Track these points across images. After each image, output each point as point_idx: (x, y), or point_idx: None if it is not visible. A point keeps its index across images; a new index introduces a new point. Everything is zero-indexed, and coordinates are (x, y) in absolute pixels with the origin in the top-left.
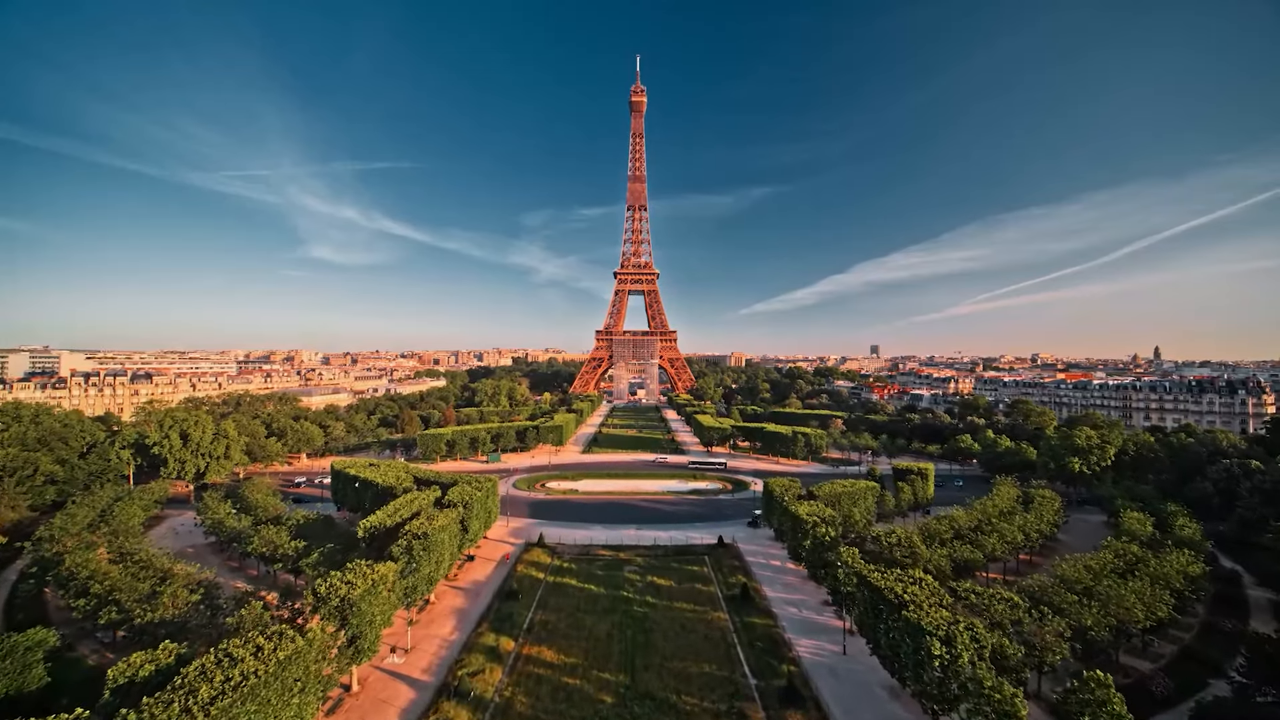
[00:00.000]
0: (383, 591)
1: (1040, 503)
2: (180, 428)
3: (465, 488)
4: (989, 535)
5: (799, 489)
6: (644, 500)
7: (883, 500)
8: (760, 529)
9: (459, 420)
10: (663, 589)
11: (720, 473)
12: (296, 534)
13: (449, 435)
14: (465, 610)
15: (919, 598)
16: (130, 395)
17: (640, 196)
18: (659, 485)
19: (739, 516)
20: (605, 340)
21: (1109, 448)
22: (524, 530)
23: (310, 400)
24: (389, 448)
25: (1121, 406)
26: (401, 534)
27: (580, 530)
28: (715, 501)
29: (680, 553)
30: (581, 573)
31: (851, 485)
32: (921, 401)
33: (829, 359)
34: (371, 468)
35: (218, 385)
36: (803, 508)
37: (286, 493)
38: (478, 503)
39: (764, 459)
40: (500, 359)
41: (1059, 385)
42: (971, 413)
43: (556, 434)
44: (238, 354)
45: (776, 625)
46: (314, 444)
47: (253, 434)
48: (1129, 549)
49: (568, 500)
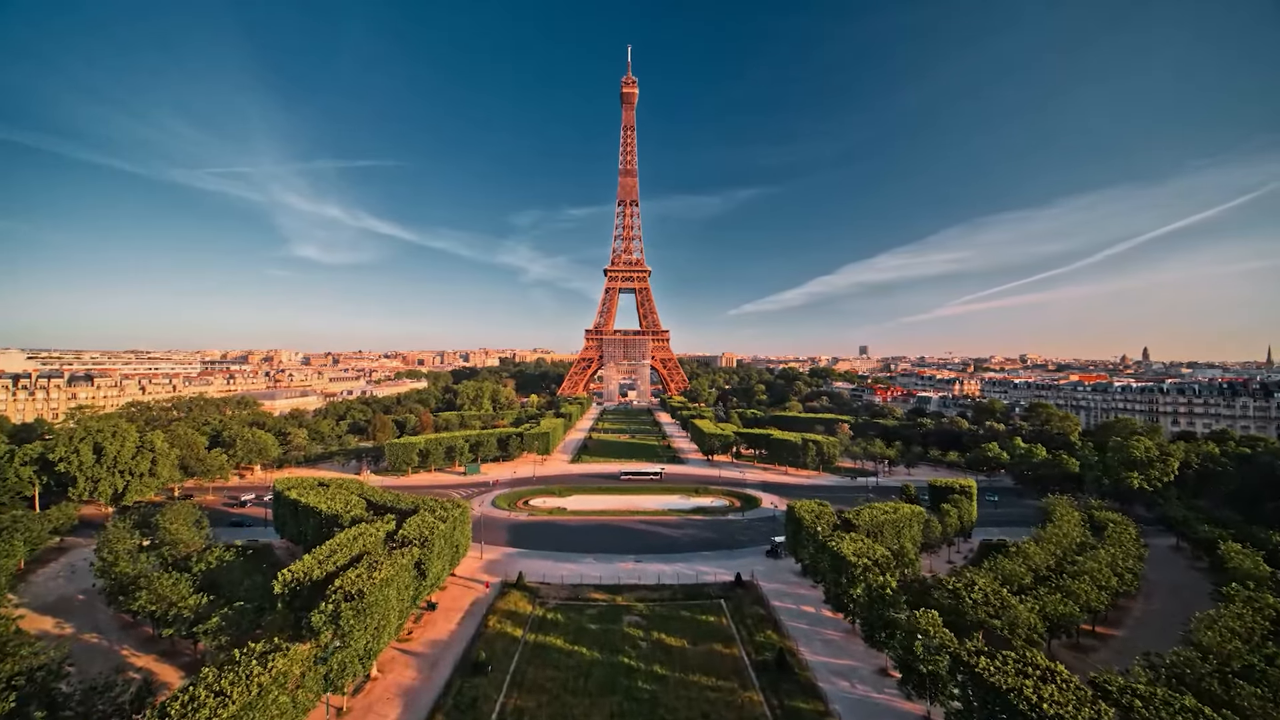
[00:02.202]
0: (281, 697)
1: (1114, 530)
2: (94, 440)
3: (427, 517)
4: (1077, 579)
5: (831, 515)
6: (642, 522)
7: (928, 526)
8: (782, 559)
9: (437, 426)
10: (673, 652)
11: (728, 486)
12: (207, 580)
13: (421, 444)
14: (415, 692)
15: (1064, 713)
16: (67, 399)
17: (631, 191)
18: (657, 502)
19: (754, 543)
20: (595, 340)
21: (1171, 460)
22: (501, 564)
23: (273, 404)
24: (356, 458)
25: (1147, 410)
26: (330, 592)
27: (568, 564)
28: (724, 524)
29: (690, 595)
30: (570, 626)
31: (894, 510)
32: (929, 404)
33: (820, 359)
34: (318, 489)
35: (172, 388)
36: (847, 544)
37: (230, 513)
38: (441, 537)
39: (770, 469)
40: (487, 359)
41: (1076, 388)
42: (988, 417)
43: (543, 442)
44: (213, 354)
45: (829, 713)
46: (269, 454)
47: (189, 445)
48: (1264, 600)
49: (554, 522)
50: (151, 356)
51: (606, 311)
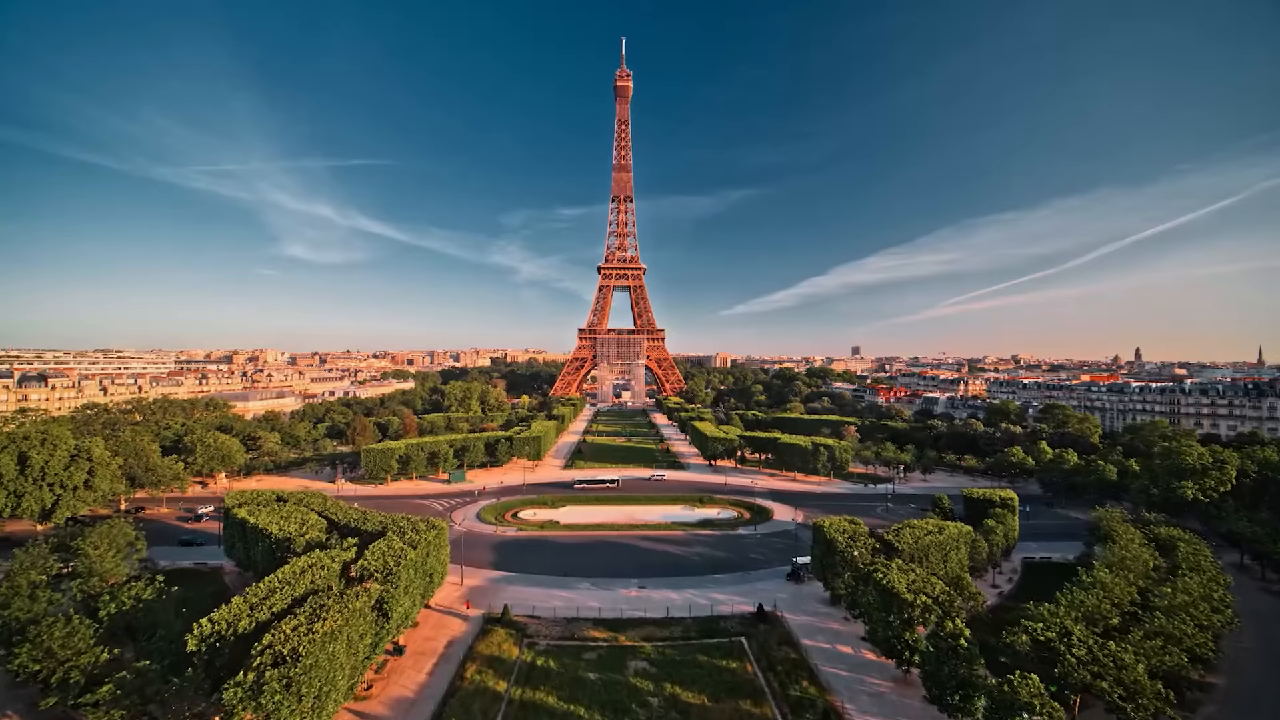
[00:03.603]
0: None
1: (1186, 551)
2: (18, 448)
3: (395, 542)
4: (1171, 616)
5: (866, 535)
6: (644, 538)
7: (974, 546)
8: (805, 584)
9: (421, 429)
10: (692, 712)
11: (735, 495)
12: (124, 623)
13: (401, 450)
14: None
15: None
16: (17, 400)
17: (626, 187)
18: (660, 513)
19: (771, 563)
20: (588, 339)
21: (1228, 467)
22: (484, 592)
23: (246, 406)
24: (332, 464)
25: (1168, 412)
26: (255, 654)
27: (562, 590)
28: (735, 540)
29: (706, 631)
30: (565, 677)
31: (938, 530)
32: (937, 406)
33: (814, 360)
34: (273, 506)
35: (137, 389)
36: (897, 576)
37: (184, 528)
38: (411, 567)
39: (778, 474)
40: (478, 359)
41: (1090, 388)
42: (1002, 419)
43: (533, 446)
44: (197, 354)
45: None
46: (233, 461)
47: (138, 452)
48: None
49: (545, 539)
50: (122, 356)
51: (600, 310)
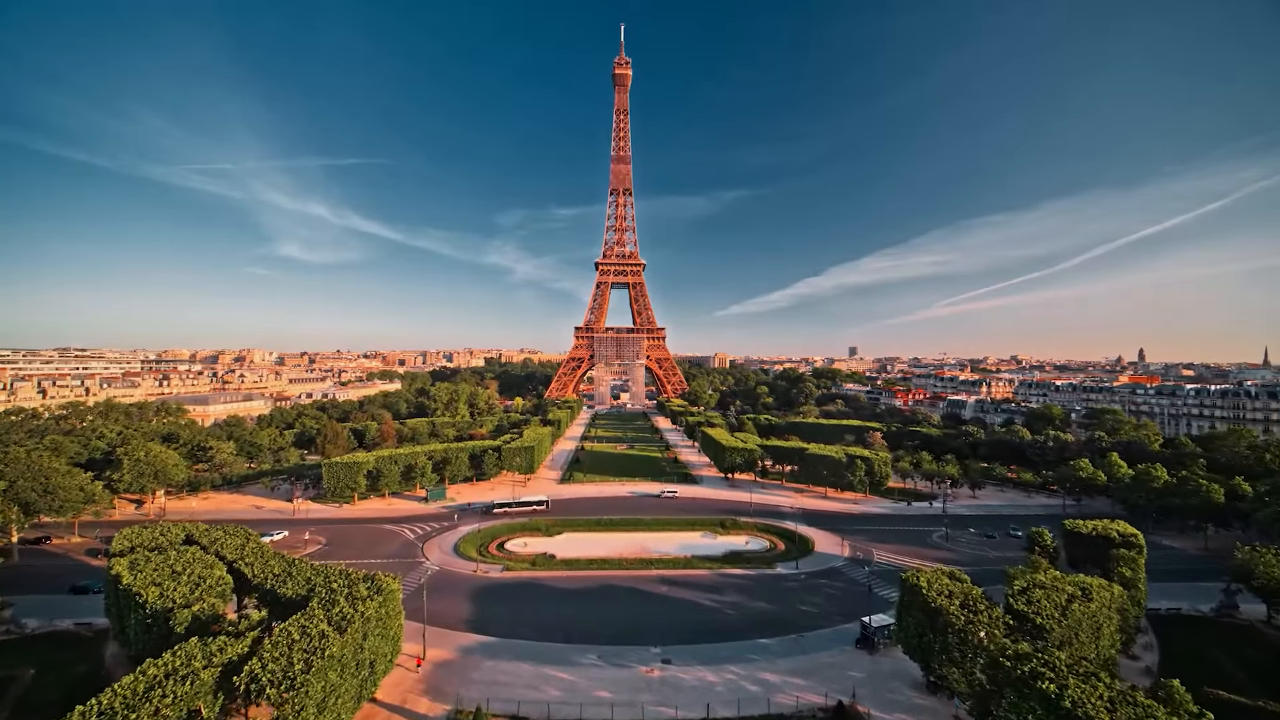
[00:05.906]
0: None
1: None
2: None
3: (315, 621)
4: None
5: (980, 597)
6: (661, 579)
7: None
8: (880, 652)
9: (401, 436)
10: None
11: (763, 519)
12: None
13: (370, 463)
14: None
15: None
16: None
17: (625, 180)
18: (677, 542)
19: (826, 616)
20: (586, 338)
21: None
22: (453, 671)
23: (205, 410)
24: (291, 479)
25: (1231, 417)
26: None
27: (560, 669)
28: (775, 581)
29: None
30: None
31: (1081, 593)
32: (965, 410)
33: (814, 360)
34: (166, 552)
35: (84, 391)
36: (1077, 688)
37: (89, 565)
38: (331, 669)
39: (804, 490)
40: (471, 359)
41: (1134, 391)
42: (1047, 424)
43: (525, 458)
44: (182, 354)
45: None
46: (170, 477)
47: (38, 471)
48: None
49: (538, 582)
50: (81, 355)
51: (598, 308)
